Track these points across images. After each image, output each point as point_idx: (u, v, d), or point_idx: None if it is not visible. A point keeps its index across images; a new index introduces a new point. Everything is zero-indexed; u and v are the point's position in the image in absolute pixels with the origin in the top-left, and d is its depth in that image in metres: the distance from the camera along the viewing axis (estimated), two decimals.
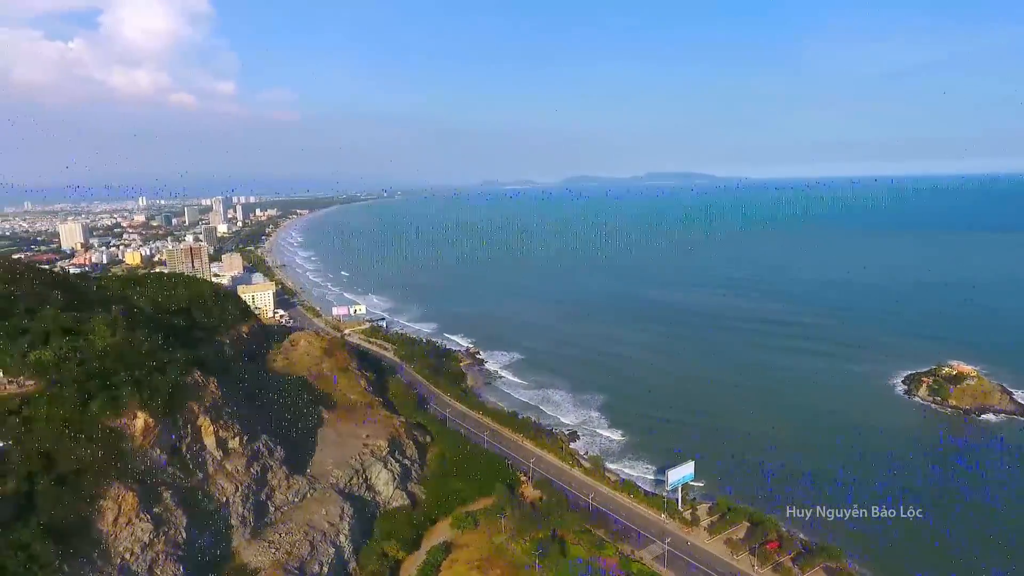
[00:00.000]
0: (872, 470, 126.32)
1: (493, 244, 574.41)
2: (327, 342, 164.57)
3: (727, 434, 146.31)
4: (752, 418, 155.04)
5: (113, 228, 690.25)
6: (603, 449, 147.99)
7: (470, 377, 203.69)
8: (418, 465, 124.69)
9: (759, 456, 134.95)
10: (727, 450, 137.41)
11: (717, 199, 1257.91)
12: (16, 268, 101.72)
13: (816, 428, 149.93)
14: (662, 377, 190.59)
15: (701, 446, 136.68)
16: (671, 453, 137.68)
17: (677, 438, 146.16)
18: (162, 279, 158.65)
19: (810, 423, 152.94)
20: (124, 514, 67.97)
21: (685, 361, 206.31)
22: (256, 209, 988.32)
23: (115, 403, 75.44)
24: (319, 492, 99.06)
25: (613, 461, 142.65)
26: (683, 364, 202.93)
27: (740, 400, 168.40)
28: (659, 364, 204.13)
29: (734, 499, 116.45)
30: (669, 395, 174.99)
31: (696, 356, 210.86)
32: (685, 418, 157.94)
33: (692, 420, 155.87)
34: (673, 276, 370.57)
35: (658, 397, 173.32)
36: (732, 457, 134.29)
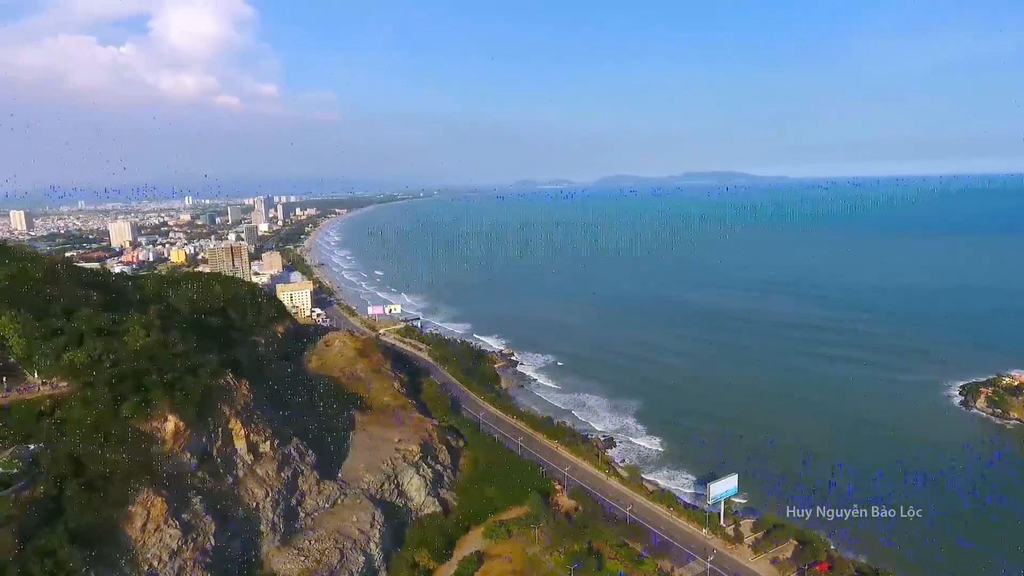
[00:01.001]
0: (932, 490, 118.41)
1: (528, 244, 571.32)
2: (361, 343, 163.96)
3: (770, 445, 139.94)
4: (796, 429, 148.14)
5: (160, 227, 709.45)
6: (640, 457, 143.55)
7: (504, 379, 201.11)
8: (450, 471, 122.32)
9: (805, 470, 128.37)
10: (770, 462, 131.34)
11: (754, 199, 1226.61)
12: (56, 268, 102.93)
13: (866, 441, 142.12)
14: (700, 383, 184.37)
15: (742, 457, 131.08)
16: (711, 463, 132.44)
17: (717, 448, 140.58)
18: (200, 279, 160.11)
19: (859, 436, 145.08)
20: (152, 520, 67.08)
21: (724, 367, 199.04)
22: (296, 208, 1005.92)
23: (146, 406, 74.80)
24: (350, 498, 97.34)
25: (651, 471, 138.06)
26: (722, 370, 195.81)
27: (783, 410, 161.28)
28: (697, 370, 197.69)
29: (779, 514, 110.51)
30: (708, 402, 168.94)
31: (735, 362, 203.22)
32: (725, 427, 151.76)
33: (732, 430, 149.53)
34: (711, 278, 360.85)
35: (696, 404, 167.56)
36: (775, 470, 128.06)
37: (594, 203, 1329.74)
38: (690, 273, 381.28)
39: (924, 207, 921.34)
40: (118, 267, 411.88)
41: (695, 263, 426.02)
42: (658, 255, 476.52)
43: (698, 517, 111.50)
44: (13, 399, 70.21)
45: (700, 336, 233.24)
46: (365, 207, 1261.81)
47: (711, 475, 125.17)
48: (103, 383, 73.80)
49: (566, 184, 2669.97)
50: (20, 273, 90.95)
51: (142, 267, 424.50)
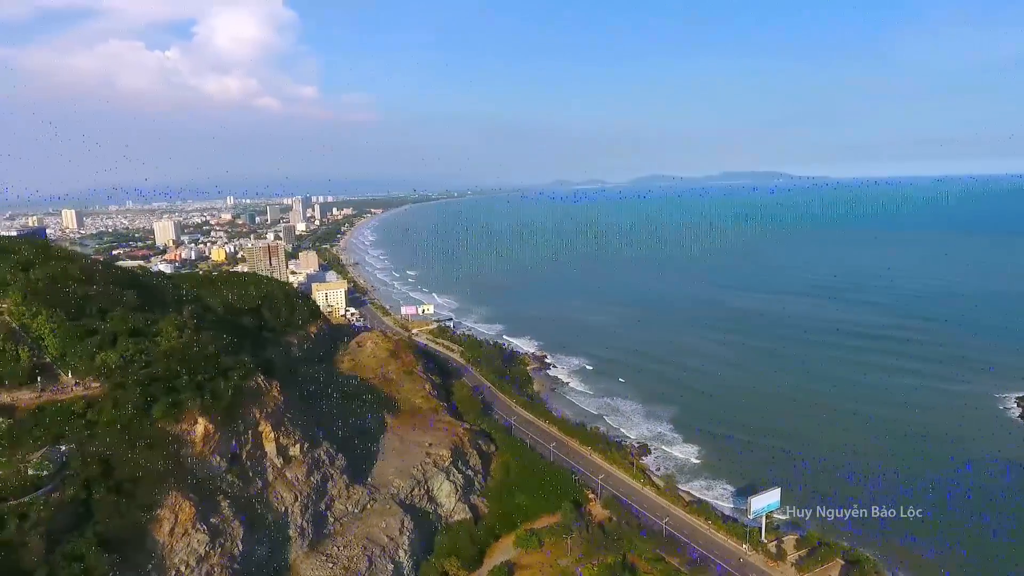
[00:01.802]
0: (991, 508, 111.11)
1: (561, 244, 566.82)
2: (393, 344, 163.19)
3: (813, 457, 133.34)
4: (842, 442, 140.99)
5: (202, 226, 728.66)
6: (676, 466, 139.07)
7: (536, 382, 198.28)
8: (481, 476, 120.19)
9: (851, 485, 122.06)
10: (814, 476, 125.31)
11: (797, 199, 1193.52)
12: (94, 268, 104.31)
13: (917, 456, 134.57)
14: (738, 391, 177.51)
15: (784, 470, 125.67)
16: (750, 475, 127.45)
17: (757, 459, 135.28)
18: (236, 279, 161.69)
19: (910, 450, 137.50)
20: (180, 524, 66.51)
21: (765, 374, 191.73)
22: (333, 208, 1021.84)
23: (176, 408, 74.55)
24: (379, 503, 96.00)
25: (687, 480, 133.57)
26: (763, 377, 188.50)
27: (827, 421, 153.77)
28: (736, 376, 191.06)
29: (824, 532, 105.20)
30: (747, 411, 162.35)
31: (777, 369, 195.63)
32: (765, 438, 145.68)
33: (773, 441, 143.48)
34: (751, 280, 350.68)
35: (734, 413, 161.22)
36: (820, 484, 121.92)
37: (629, 203, 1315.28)
38: (728, 275, 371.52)
39: (974, 207, 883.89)
40: (161, 265, 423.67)
41: (733, 265, 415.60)
42: (695, 256, 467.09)
43: (738, 532, 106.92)
44: (46, 399, 70.62)
45: (739, 341, 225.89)
46: (400, 207, 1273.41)
47: (751, 487, 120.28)
48: (134, 384, 73.84)
49: (601, 184, 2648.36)
50: (59, 273, 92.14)
51: (184, 265, 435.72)
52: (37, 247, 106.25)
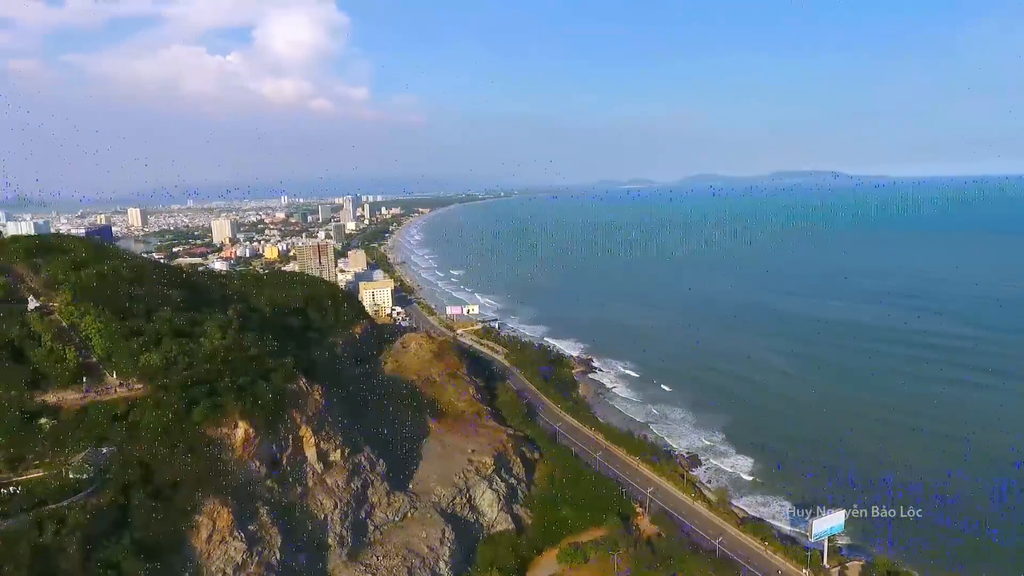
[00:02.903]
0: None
1: (608, 245, 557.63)
2: (438, 345, 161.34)
3: (879, 477, 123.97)
4: (912, 462, 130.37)
5: (257, 224, 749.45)
6: (728, 480, 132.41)
7: (581, 386, 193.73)
8: (524, 485, 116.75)
9: (923, 508, 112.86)
10: (881, 496, 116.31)
11: (854, 199, 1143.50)
12: (144, 268, 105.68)
13: (1000, 477, 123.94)
14: (794, 402, 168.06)
15: (846, 489, 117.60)
16: (809, 492, 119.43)
17: (816, 476, 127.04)
18: (283, 278, 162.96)
19: (993, 473, 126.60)
20: (219, 531, 65.40)
21: (823, 385, 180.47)
22: (382, 208, 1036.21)
23: (217, 411, 73.73)
24: (420, 512, 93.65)
25: (741, 496, 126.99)
26: (821, 388, 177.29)
27: (895, 439, 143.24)
28: (791, 387, 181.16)
29: (893, 559, 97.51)
30: (804, 424, 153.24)
31: (836, 380, 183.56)
32: (825, 454, 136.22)
33: (833, 458, 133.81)
34: (807, 284, 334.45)
35: (790, 425, 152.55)
36: (888, 507, 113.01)
37: (677, 203, 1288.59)
38: (781, 278, 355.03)
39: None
40: (217, 263, 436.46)
41: (787, 267, 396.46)
42: (746, 257, 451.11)
43: (797, 555, 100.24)
44: (90, 400, 70.77)
45: (796, 350, 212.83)
46: (447, 206, 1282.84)
47: (809, 506, 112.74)
48: (176, 386, 73.40)
49: (649, 184, 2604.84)
50: (109, 272, 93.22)
51: (239, 262, 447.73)
52: (91, 246, 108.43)
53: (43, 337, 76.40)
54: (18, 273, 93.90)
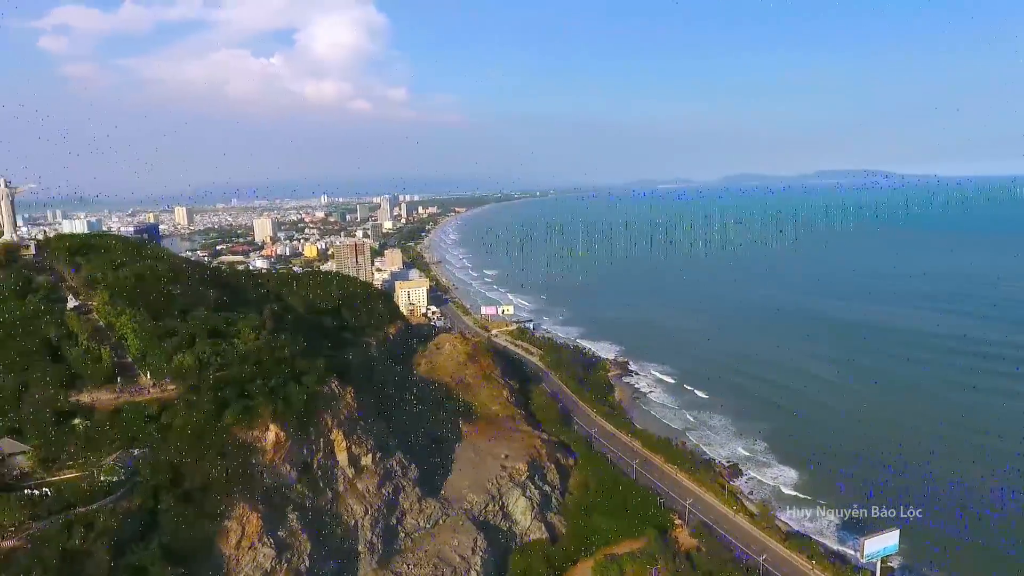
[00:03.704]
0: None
1: (646, 245, 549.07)
2: (472, 346, 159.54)
3: (933, 495, 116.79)
4: (969, 480, 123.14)
5: (297, 223, 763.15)
6: (772, 492, 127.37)
7: (617, 390, 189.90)
8: (559, 492, 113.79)
9: (985, 533, 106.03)
10: (936, 515, 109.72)
11: (901, 198, 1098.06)
12: (181, 268, 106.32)
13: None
14: (840, 411, 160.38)
15: (898, 505, 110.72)
16: (859, 507, 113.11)
17: (865, 490, 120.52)
18: (318, 277, 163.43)
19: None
20: (247, 537, 64.36)
21: (870, 394, 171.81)
22: (419, 207, 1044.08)
23: (248, 414, 72.87)
24: (452, 519, 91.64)
25: (785, 509, 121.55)
26: (868, 398, 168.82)
27: (949, 454, 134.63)
28: (836, 395, 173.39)
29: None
30: (851, 435, 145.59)
31: (884, 390, 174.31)
32: (875, 467, 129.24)
33: (884, 472, 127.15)
34: (851, 287, 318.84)
35: (837, 435, 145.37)
36: (945, 526, 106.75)
37: (716, 202, 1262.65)
38: (825, 281, 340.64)
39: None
40: (258, 261, 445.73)
41: (831, 269, 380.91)
42: (791, 259, 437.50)
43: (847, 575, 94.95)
44: (124, 401, 70.70)
45: (840, 357, 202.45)
46: (483, 206, 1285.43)
47: (859, 522, 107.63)
48: (208, 388, 72.83)
49: (686, 183, 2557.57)
50: (147, 272, 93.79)
51: (279, 260, 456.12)
52: (131, 246, 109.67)
53: (80, 336, 76.95)
54: (60, 272, 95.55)
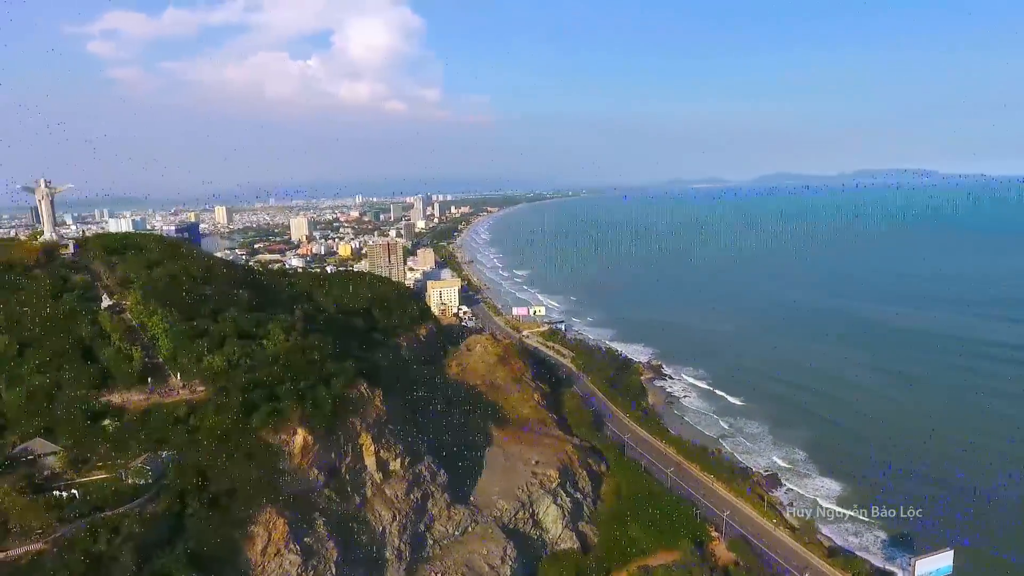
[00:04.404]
0: None
1: (679, 246, 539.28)
2: (503, 348, 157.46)
3: (989, 515, 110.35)
4: None
5: (332, 223, 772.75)
6: (813, 505, 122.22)
7: (651, 394, 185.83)
8: (591, 500, 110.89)
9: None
10: (991, 536, 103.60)
11: (947, 199, 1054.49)
12: (213, 268, 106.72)
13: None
14: (884, 422, 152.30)
15: (950, 523, 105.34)
16: (908, 524, 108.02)
17: (913, 505, 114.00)
18: (350, 278, 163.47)
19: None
20: (273, 543, 63.37)
21: (913, 401, 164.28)
22: (451, 207, 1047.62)
23: (276, 416, 72.01)
24: (481, 526, 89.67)
25: (827, 522, 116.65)
26: (913, 408, 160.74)
27: (1000, 468, 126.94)
28: (878, 401, 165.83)
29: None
30: (897, 447, 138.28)
31: (932, 400, 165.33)
32: (923, 483, 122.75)
33: (934, 487, 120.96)
34: (893, 291, 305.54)
35: (881, 447, 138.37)
36: (999, 551, 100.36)
37: (752, 202, 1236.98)
38: (866, 283, 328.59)
39: None
40: (294, 259, 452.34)
41: (873, 272, 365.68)
42: (829, 260, 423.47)
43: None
44: (154, 402, 70.62)
45: (884, 365, 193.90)
46: (515, 205, 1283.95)
47: (908, 539, 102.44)
48: (236, 390, 72.23)
49: (720, 183, 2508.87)
50: (181, 272, 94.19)
51: (314, 259, 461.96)
52: (165, 245, 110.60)
53: (112, 336, 77.32)
54: (96, 271, 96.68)
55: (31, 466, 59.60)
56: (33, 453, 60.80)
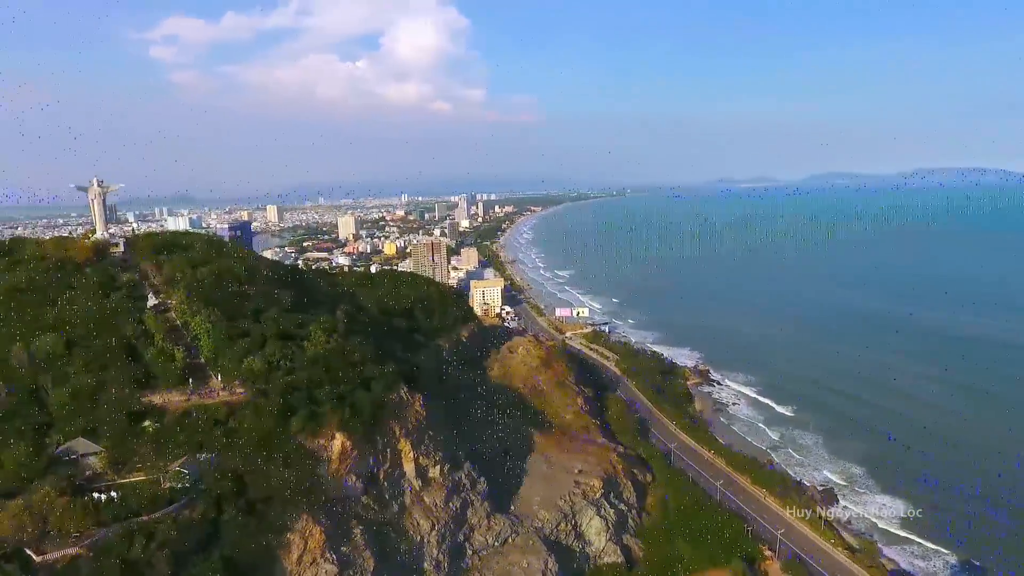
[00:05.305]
0: None
1: (728, 247, 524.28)
2: (545, 351, 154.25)
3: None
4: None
5: (378, 221, 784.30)
6: (873, 524, 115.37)
7: (698, 400, 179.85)
8: (636, 512, 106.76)
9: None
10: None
11: (1016, 199, 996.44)
12: (257, 267, 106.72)
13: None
14: (956, 436, 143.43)
15: None
16: (979, 550, 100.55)
17: (983, 528, 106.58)
18: (392, 277, 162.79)
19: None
20: (309, 552, 61.98)
21: (993, 420, 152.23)
22: (495, 206, 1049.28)
23: (315, 421, 70.78)
24: (522, 537, 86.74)
25: (889, 543, 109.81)
26: (989, 424, 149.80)
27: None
28: (940, 415, 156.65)
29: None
30: (971, 466, 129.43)
31: (1001, 416, 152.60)
32: (993, 505, 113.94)
33: (1006, 511, 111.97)
34: (954, 295, 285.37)
35: (945, 464, 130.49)
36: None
37: (804, 203, 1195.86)
38: (928, 288, 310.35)
39: None
40: (341, 258, 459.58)
41: (935, 275, 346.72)
42: (885, 263, 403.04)
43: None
44: (194, 404, 70.20)
45: (947, 376, 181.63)
46: (558, 205, 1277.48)
47: (981, 566, 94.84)
48: (276, 392, 71.26)
49: (769, 182, 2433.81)
50: (225, 271, 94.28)
51: (360, 258, 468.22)
52: (211, 244, 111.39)
53: (156, 336, 77.51)
54: (144, 270, 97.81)
55: (73, 466, 59.75)
56: (75, 453, 60.95)
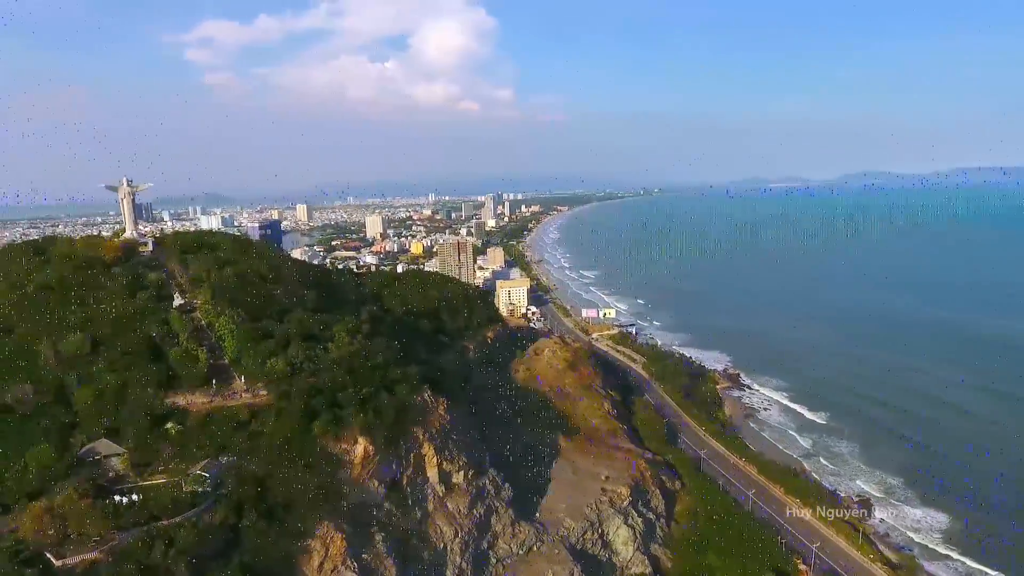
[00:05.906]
0: None
1: (759, 247, 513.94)
2: (571, 353, 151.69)
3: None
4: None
5: (405, 220, 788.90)
6: (912, 537, 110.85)
7: (727, 405, 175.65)
8: (664, 521, 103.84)
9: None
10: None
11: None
12: (282, 267, 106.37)
13: None
14: (1000, 447, 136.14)
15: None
16: None
17: None
18: (417, 277, 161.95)
19: None
20: (330, 559, 60.83)
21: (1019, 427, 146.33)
22: (522, 206, 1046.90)
23: (337, 424, 69.71)
24: (547, 546, 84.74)
25: (930, 558, 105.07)
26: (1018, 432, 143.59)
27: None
28: (980, 425, 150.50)
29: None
30: (1013, 473, 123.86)
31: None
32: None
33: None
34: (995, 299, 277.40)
35: (985, 475, 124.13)
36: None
37: (841, 203, 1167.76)
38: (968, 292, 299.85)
39: None
40: (368, 256, 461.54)
41: (977, 279, 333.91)
42: (924, 266, 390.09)
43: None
44: (216, 405, 69.76)
45: (993, 386, 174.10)
46: (585, 204, 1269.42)
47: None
48: (299, 395, 70.35)
49: (801, 182, 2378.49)
50: (251, 271, 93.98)
51: (387, 256, 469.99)
52: (238, 244, 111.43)
53: (180, 336, 77.31)
54: (171, 270, 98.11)
55: (95, 468, 59.53)
56: (98, 454, 60.77)
